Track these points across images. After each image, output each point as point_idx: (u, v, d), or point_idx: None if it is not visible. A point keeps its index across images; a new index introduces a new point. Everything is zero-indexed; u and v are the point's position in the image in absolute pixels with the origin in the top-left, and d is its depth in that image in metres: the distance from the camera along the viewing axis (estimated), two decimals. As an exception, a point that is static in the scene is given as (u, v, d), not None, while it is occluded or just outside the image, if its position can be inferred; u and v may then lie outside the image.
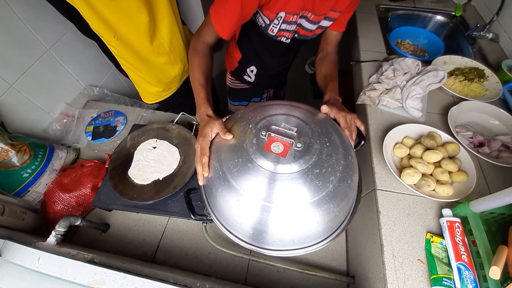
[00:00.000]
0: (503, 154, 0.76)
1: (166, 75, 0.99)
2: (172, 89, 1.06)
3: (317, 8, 0.72)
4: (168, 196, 0.79)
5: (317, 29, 0.81)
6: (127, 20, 0.77)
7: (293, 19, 0.73)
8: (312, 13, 0.73)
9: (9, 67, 0.84)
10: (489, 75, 0.97)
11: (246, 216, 0.50)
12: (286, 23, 0.75)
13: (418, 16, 1.40)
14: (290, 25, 0.75)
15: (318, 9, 0.72)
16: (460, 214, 0.63)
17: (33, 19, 0.89)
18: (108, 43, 0.81)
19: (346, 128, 0.61)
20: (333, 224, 0.52)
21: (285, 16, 0.72)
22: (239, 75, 1.01)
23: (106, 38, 0.79)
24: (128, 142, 0.93)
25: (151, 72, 0.94)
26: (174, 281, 0.61)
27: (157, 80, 0.97)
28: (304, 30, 0.80)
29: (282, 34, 0.79)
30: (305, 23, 0.77)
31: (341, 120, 0.62)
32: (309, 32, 0.82)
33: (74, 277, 0.58)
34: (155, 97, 1.04)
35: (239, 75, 1.01)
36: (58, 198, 0.82)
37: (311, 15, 0.74)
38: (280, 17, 0.72)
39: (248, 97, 1.10)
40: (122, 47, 0.82)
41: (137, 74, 0.93)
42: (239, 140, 0.53)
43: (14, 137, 0.82)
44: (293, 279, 0.76)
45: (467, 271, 0.55)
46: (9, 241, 0.63)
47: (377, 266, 0.62)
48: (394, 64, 0.96)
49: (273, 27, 0.76)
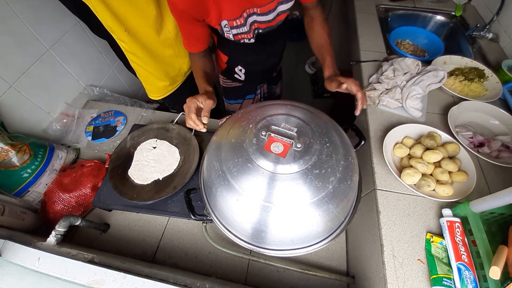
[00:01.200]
0: (503, 154, 0.76)
1: (172, 68, 1.04)
2: (178, 83, 1.10)
3: (259, 1, 0.69)
4: (168, 196, 0.79)
5: (278, 16, 0.77)
6: (136, 13, 0.82)
7: (238, 22, 0.72)
8: (257, 7, 0.70)
9: (9, 67, 0.84)
10: (489, 75, 0.97)
11: (246, 216, 0.50)
12: (235, 28, 0.73)
13: (418, 16, 1.40)
14: (241, 28, 0.74)
15: (261, 1, 0.69)
16: (460, 214, 0.63)
17: (33, 19, 0.89)
18: (120, 39, 0.86)
19: (359, 91, 0.72)
20: (333, 225, 0.53)
21: (228, 23, 0.71)
22: (229, 74, 1.02)
23: (117, 33, 0.84)
24: (128, 142, 0.93)
25: (159, 65, 0.98)
26: (174, 281, 0.61)
27: (164, 73, 1.01)
28: (263, 23, 0.77)
29: (241, 37, 0.78)
30: (259, 18, 0.74)
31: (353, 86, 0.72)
32: (271, 23, 0.78)
33: (74, 277, 0.58)
34: (162, 92, 1.07)
35: (229, 74, 1.02)
36: (58, 198, 0.82)
37: (257, 9, 0.71)
38: (225, 25, 0.72)
39: (242, 94, 1.11)
40: (132, 42, 0.87)
41: (146, 69, 0.97)
42: (239, 140, 0.53)
43: (14, 137, 0.82)
44: (293, 279, 0.76)
45: (467, 271, 0.55)
46: (9, 241, 0.63)
47: (377, 266, 0.62)
48: (394, 64, 0.96)
49: (227, 33, 0.76)
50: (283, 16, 0.79)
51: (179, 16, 0.70)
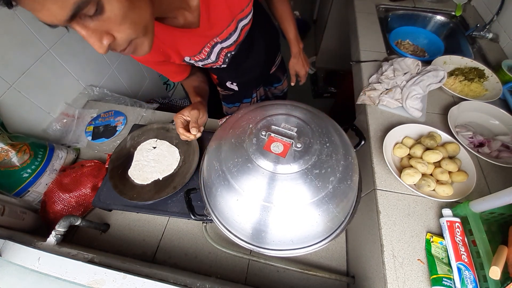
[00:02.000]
0: (503, 154, 0.76)
1: None
2: None
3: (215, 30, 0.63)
4: (168, 196, 0.79)
5: (242, 31, 0.71)
6: None
7: (202, 56, 0.70)
8: (216, 37, 0.66)
9: (9, 67, 0.84)
10: (489, 75, 0.97)
11: (246, 216, 0.50)
12: (200, 61, 0.72)
13: (418, 16, 1.40)
14: (206, 60, 0.72)
15: (216, 29, 0.64)
16: (460, 214, 0.63)
17: (33, 19, 0.87)
18: None
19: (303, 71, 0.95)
20: (333, 225, 0.53)
21: (191, 58, 0.70)
22: (224, 86, 1.02)
23: None
24: (128, 142, 0.93)
25: None
26: (174, 281, 0.61)
27: None
28: (231, 45, 0.72)
29: (212, 65, 0.76)
30: (224, 44, 0.70)
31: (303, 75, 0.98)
32: (237, 41, 0.72)
33: (74, 277, 0.58)
34: None
35: (223, 86, 1.02)
36: (58, 198, 0.82)
37: (217, 38, 0.67)
38: (189, 60, 0.71)
39: (239, 98, 1.11)
40: None
41: None
42: (239, 140, 0.53)
43: (14, 137, 0.82)
44: (293, 279, 0.76)
45: (467, 271, 0.55)
46: (9, 241, 0.63)
47: (377, 266, 0.62)
48: (394, 64, 0.96)
49: (196, 64, 0.75)
50: (248, 27, 0.73)
51: (146, 63, 0.72)
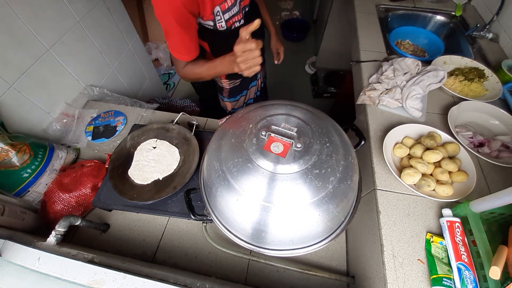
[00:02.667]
0: (503, 154, 0.76)
1: None
2: None
3: None
4: (168, 196, 0.79)
5: None
6: None
7: (229, 2, 0.76)
8: None
9: (9, 67, 0.84)
10: (489, 75, 0.97)
11: (246, 216, 0.50)
12: (227, 12, 0.77)
13: (418, 16, 1.40)
14: (232, 9, 0.78)
15: None
16: (460, 214, 0.63)
17: (33, 19, 0.89)
18: None
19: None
20: (333, 225, 0.53)
21: (220, 8, 0.75)
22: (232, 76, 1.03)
23: None
24: (128, 142, 0.93)
25: None
26: (174, 281, 0.61)
27: None
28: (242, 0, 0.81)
29: (232, 21, 0.81)
30: None
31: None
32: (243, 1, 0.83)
33: (74, 277, 0.58)
34: None
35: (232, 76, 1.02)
36: (58, 198, 0.82)
37: None
38: (217, 12, 0.76)
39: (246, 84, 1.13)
40: None
41: None
42: (239, 140, 0.53)
43: (14, 137, 0.82)
44: (293, 279, 0.76)
45: (467, 271, 0.55)
46: (9, 241, 0.63)
47: (377, 266, 0.62)
48: (394, 64, 0.96)
49: (219, 23, 0.78)
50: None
51: (177, 16, 0.68)
